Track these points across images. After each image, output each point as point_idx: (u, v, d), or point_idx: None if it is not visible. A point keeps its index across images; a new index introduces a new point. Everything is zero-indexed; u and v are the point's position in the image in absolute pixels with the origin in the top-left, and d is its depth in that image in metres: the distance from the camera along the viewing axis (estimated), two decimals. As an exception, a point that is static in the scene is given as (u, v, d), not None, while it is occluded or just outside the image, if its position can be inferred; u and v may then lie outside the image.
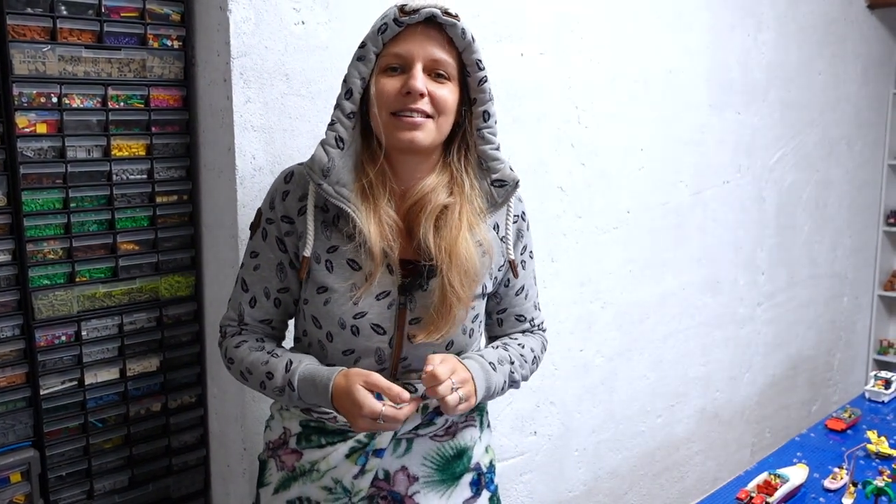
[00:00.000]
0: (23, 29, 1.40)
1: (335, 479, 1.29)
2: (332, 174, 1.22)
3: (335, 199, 1.23)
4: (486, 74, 1.26)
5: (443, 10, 1.20)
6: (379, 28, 1.21)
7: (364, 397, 1.15)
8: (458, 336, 1.30)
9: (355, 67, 1.23)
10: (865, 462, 1.93)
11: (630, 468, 2.63)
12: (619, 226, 2.42)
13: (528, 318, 1.46)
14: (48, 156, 1.46)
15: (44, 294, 1.49)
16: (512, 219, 1.35)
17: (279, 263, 1.30)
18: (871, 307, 4.15)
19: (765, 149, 3.02)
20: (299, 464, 1.31)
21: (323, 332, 1.28)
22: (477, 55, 1.24)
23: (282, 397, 1.27)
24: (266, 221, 1.30)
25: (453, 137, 1.30)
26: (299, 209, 1.27)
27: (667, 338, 2.68)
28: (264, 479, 1.38)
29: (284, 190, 1.29)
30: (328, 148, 1.23)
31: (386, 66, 1.22)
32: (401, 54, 1.21)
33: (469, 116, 1.29)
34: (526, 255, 1.43)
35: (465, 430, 1.38)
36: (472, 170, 1.30)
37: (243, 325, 1.34)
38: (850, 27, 3.48)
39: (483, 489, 1.41)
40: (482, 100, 1.27)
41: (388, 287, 1.25)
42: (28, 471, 1.48)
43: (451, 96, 1.24)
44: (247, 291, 1.33)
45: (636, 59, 2.37)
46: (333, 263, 1.25)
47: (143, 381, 1.63)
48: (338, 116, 1.24)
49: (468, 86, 1.27)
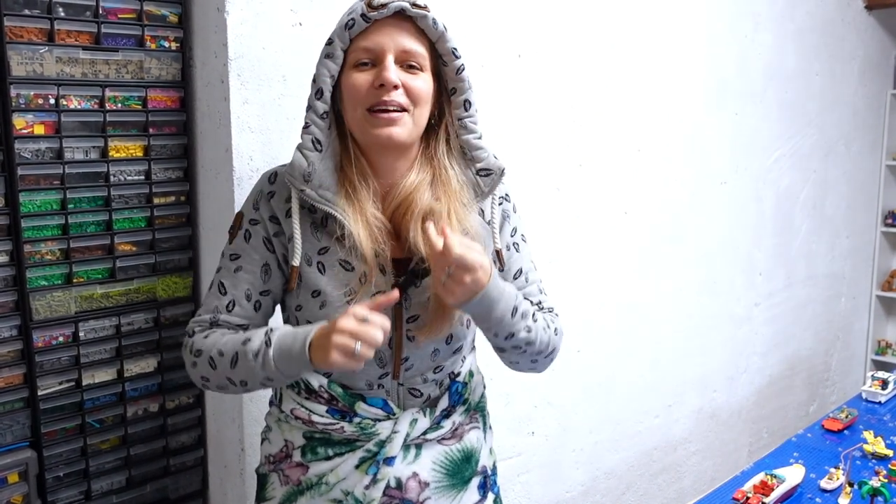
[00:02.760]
0: (20, 30, 1.40)
1: (345, 490, 1.25)
2: (313, 178, 1.20)
3: (320, 204, 1.20)
4: (464, 63, 1.24)
5: (411, 3, 1.17)
6: (346, 24, 1.18)
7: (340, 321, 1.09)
8: (456, 328, 1.28)
9: (324, 66, 1.20)
10: (862, 462, 1.93)
11: (627, 468, 2.63)
12: (616, 227, 2.42)
13: (535, 301, 1.36)
14: (46, 157, 1.46)
15: (41, 295, 1.49)
16: (497, 201, 1.32)
17: (265, 264, 1.26)
18: (868, 308, 4.15)
19: (762, 149, 3.02)
20: (305, 477, 1.27)
21: None
22: (451, 44, 1.22)
23: (255, 363, 1.15)
24: (249, 223, 1.26)
25: (433, 129, 1.28)
26: (287, 211, 1.24)
27: (664, 338, 2.68)
28: (265, 493, 1.33)
29: (270, 191, 1.26)
30: (306, 152, 1.20)
31: (356, 62, 1.19)
32: (370, 48, 1.18)
33: (448, 106, 1.27)
34: (518, 238, 1.37)
35: (471, 431, 1.36)
36: (456, 161, 1.28)
37: (216, 326, 1.26)
38: (848, 28, 3.49)
39: (489, 491, 1.40)
40: (461, 88, 1.25)
41: (382, 287, 1.22)
42: (25, 471, 1.49)
43: (425, 86, 1.21)
44: (224, 294, 1.26)
45: (633, 60, 2.37)
46: (325, 265, 1.22)
47: (141, 382, 1.63)
48: (311, 118, 1.21)
49: (444, 76, 1.25)
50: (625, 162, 2.41)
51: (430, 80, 1.22)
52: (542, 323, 1.30)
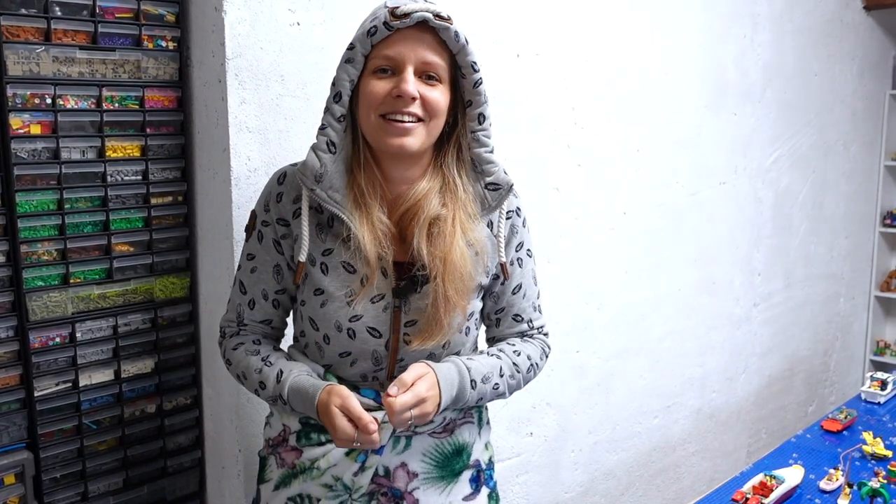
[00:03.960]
0: (17, 30, 1.40)
1: (335, 476, 1.28)
2: (324, 179, 1.22)
3: (328, 205, 1.22)
4: (482, 77, 1.25)
5: (435, 14, 1.17)
6: (369, 31, 1.19)
7: (339, 421, 1.17)
8: (453, 336, 1.29)
9: (344, 70, 1.21)
10: (861, 463, 1.93)
11: (626, 469, 2.63)
12: (615, 227, 2.42)
13: (527, 318, 1.41)
14: (42, 157, 1.46)
15: (38, 295, 1.48)
16: (505, 215, 1.33)
17: (276, 265, 1.31)
18: (867, 308, 4.15)
19: (761, 150, 3.02)
20: (299, 461, 1.31)
21: (320, 334, 1.28)
22: (472, 57, 1.22)
23: (275, 406, 1.30)
24: (261, 224, 1.30)
25: (445, 139, 1.29)
26: (294, 211, 1.27)
27: (663, 339, 2.68)
28: (265, 475, 1.38)
29: (279, 192, 1.28)
30: (320, 153, 1.22)
31: (375, 68, 1.20)
32: (391, 56, 1.19)
33: (463, 119, 1.28)
34: (522, 253, 1.39)
35: (464, 426, 1.38)
36: (465, 173, 1.29)
37: (242, 326, 1.35)
38: (847, 28, 3.49)
39: (482, 486, 1.41)
40: (478, 102, 1.26)
41: (382, 290, 1.25)
42: (22, 473, 1.48)
43: (442, 99, 1.22)
44: (245, 294, 1.33)
45: (632, 60, 2.37)
46: (328, 266, 1.26)
47: (138, 383, 1.63)
48: (328, 120, 1.23)
49: (462, 88, 1.26)
50: (624, 162, 2.41)
51: (447, 93, 1.24)
52: (524, 365, 1.38)
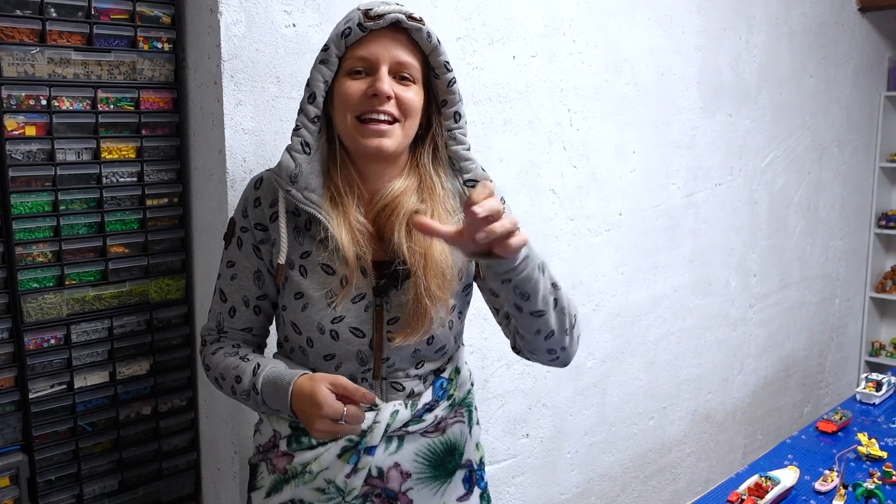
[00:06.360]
0: (11, 31, 1.39)
1: (328, 479, 1.28)
2: (299, 180, 1.23)
3: (305, 205, 1.23)
4: (455, 76, 1.27)
5: (407, 15, 1.20)
6: (343, 32, 1.20)
7: (326, 396, 1.14)
8: (437, 330, 1.29)
9: (318, 71, 1.23)
10: (856, 464, 1.93)
11: (622, 470, 2.63)
12: (611, 228, 2.42)
13: None
14: (37, 158, 1.45)
15: (33, 297, 1.48)
16: None
17: (256, 271, 1.31)
18: (862, 309, 4.16)
19: (756, 151, 3.03)
20: (291, 466, 1.31)
21: (303, 337, 1.28)
22: (444, 57, 1.25)
23: (249, 402, 1.27)
24: (240, 230, 1.31)
25: (420, 140, 1.30)
26: (271, 215, 1.27)
27: (659, 340, 2.68)
28: (256, 482, 1.37)
29: (255, 197, 1.29)
30: (294, 154, 1.23)
31: (350, 69, 1.22)
32: (366, 57, 1.21)
33: (437, 119, 1.30)
34: None
35: (454, 425, 1.38)
36: (443, 170, 1.31)
37: (222, 334, 1.35)
38: (842, 30, 3.50)
39: (475, 486, 1.41)
40: (452, 101, 1.28)
41: (363, 290, 1.25)
42: (16, 475, 1.48)
43: (416, 98, 1.24)
44: (225, 301, 1.33)
45: (628, 62, 2.38)
46: (307, 269, 1.26)
47: (133, 385, 1.62)
48: (302, 121, 1.24)
49: (435, 88, 1.28)
50: (619, 163, 2.41)
51: (420, 93, 1.26)
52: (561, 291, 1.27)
